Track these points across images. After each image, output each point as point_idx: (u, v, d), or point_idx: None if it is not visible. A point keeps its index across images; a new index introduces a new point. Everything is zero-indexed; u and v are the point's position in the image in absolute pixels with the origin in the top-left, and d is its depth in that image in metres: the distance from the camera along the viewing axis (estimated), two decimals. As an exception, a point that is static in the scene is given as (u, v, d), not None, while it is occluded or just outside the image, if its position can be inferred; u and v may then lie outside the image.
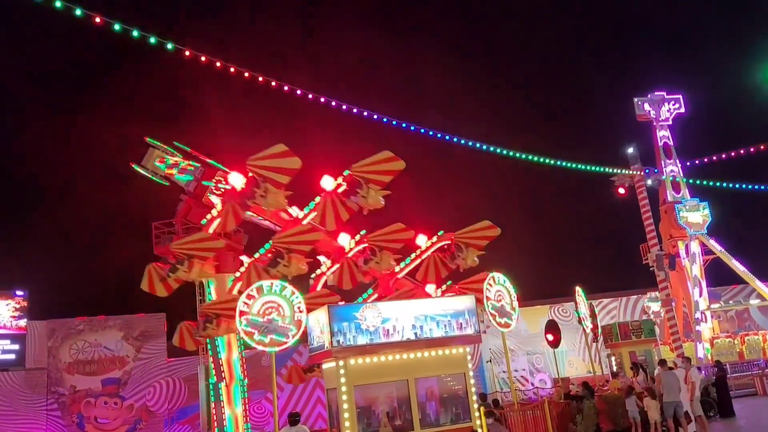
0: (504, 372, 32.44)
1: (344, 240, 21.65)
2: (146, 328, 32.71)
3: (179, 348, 31.76)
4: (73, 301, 35.57)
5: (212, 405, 20.07)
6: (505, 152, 28.05)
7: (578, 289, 25.08)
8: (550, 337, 24.75)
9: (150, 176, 20.75)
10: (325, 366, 15.90)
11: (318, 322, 15.29)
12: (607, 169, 33.59)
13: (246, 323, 14.93)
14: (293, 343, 15.53)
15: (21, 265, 35.48)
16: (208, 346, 20.37)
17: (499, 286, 18.13)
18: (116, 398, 31.31)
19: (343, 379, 14.23)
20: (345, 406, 14.15)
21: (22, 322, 31.10)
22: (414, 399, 14.61)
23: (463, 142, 26.15)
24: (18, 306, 31.15)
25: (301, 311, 15.25)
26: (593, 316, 25.98)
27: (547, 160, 30.46)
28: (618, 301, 39.44)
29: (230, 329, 18.38)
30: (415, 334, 14.88)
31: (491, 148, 27.38)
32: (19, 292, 31.34)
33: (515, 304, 18.52)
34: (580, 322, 25.35)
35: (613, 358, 27.58)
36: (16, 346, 30.78)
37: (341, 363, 14.30)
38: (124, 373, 31.89)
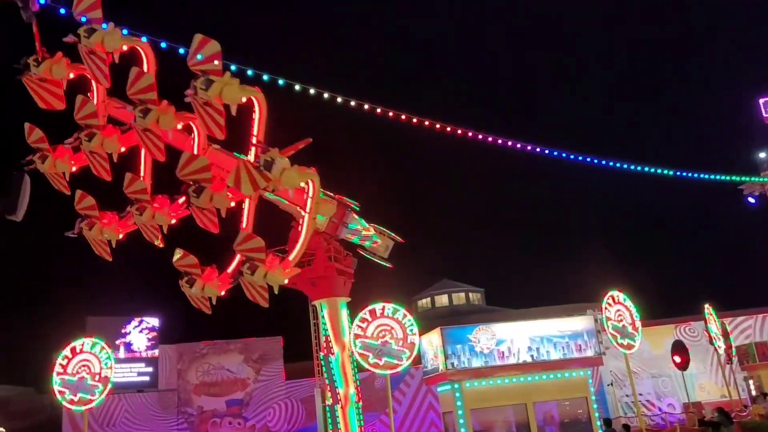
0: (627, 396, 30.87)
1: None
2: (264, 350, 33.89)
3: (296, 370, 32.88)
4: (199, 326, 37.42)
5: (329, 428, 20.38)
6: (618, 165, 26.89)
7: (708, 307, 23.51)
8: (678, 359, 23.28)
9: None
10: (439, 390, 15.81)
11: (431, 344, 15.30)
12: (734, 177, 31.37)
13: (361, 345, 15.14)
14: (406, 367, 15.60)
15: (153, 293, 37.83)
16: (323, 368, 20.77)
17: (620, 306, 17.32)
18: (239, 419, 32.55)
19: (459, 403, 14.11)
20: (462, 430, 14.02)
21: (155, 347, 33.12)
22: (533, 424, 14.25)
23: (578, 157, 25.29)
24: (151, 332, 33.26)
25: (413, 334, 15.30)
26: (726, 335, 24.24)
27: (668, 171, 28.88)
28: (753, 319, 36.47)
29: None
30: (532, 356, 14.54)
31: (603, 162, 26.36)
32: (152, 319, 33.44)
33: (638, 324, 17.63)
34: (711, 341, 23.73)
35: (751, 381, 25.55)
36: (150, 369, 32.79)
37: (457, 386, 14.20)
38: (246, 395, 33.11)
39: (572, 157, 25.09)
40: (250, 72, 17.06)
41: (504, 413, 14.23)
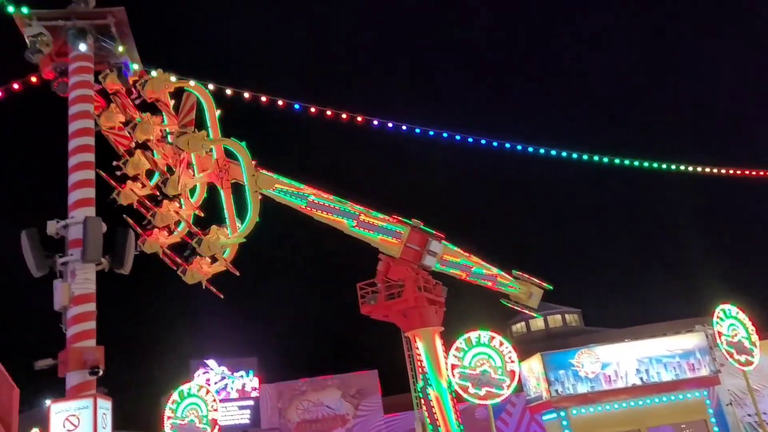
0: (749, 416, 28.84)
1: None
2: (361, 385, 33.99)
3: (394, 404, 32.73)
4: (296, 363, 38.13)
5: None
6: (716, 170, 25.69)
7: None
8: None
9: None
10: (545, 418, 15.37)
11: (532, 371, 14.94)
12: None
13: (460, 376, 14.95)
14: (510, 394, 15.26)
15: (250, 334, 38.85)
16: (422, 401, 20.61)
17: (732, 319, 16.32)
18: (343, 456, 32.68)
19: (567, 431, 13.63)
20: (574, 458, 13.55)
21: (255, 387, 33.91)
22: (649, 450, 13.56)
23: (662, 167, 24.39)
24: (250, 373, 34.13)
25: (512, 361, 14.99)
26: None
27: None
28: None
29: None
30: (641, 378, 13.91)
31: (689, 168, 25.26)
32: (250, 359, 34.35)
33: (755, 337, 16.54)
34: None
35: None
36: (251, 409, 33.55)
37: (563, 414, 13.76)
38: (347, 431, 33.20)
39: (663, 166, 24.34)
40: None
41: (616, 439, 13.64)
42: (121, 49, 14.62)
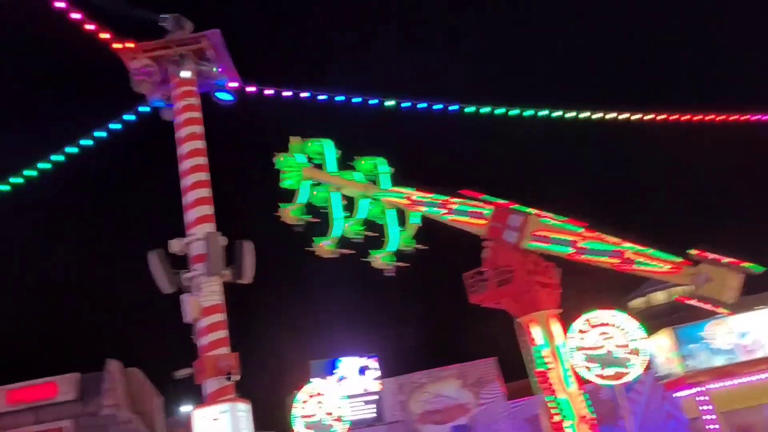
0: None
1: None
2: (480, 374, 33.83)
3: (516, 389, 32.39)
4: (413, 357, 38.50)
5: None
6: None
7: None
8: None
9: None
10: (679, 395, 14.73)
11: (661, 347, 14.34)
12: None
13: (584, 357, 14.61)
14: (638, 376, 14.73)
15: (368, 333, 39.63)
16: (544, 385, 20.26)
17: None
18: (468, 444, 32.70)
19: (706, 407, 13.01)
20: (715, 436, 12.91)
21: (377, 382, 34.56)
22: (799, 422, 12.70)
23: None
24: (371, 368, 34.83)
25: (637, 338, 14.47)
26: None
27: None
28: None
29: None
30: (783, 346, 13.03)
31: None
32: (371, 357, 35.07)
33: None
34: None
35: None
36: (375, 406, 34.23)
37: (700, 389, 13.12)
38: (470, 419, 33.18)
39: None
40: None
41: (762, 413, 12.82)
42: (217, 70, 15.35)
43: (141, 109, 15.92)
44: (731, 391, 13.07)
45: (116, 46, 14.76)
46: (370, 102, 18.92)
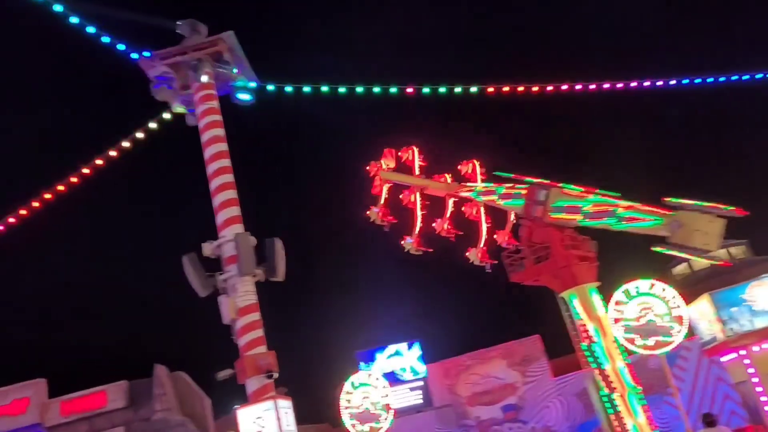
0: None
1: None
2: (526, 352, 33.73)
3: (563, 365, 32.20)
4: (457, 340, 38.49)
5: (611, 417, 19.57)
6: None
7: None
8: None
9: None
10: (724, 359, 14.46)
11: (702, 314, 14.12)
12: None
13: (624, 330, 14.44)
14: (681, 340, 14.50)
15: (410, 320, 39.76)
16: (590, 359, 20.10)
17: None
18: (519, 423, 32.66)
19: (751, 370, 12.77)
20: (764, 398, 12.64)
21: (423, 367, 34.70)
22: None
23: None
24: (416, 354, 35.01)
25: (678, 306, 14.24)
26: None
27: None
28: None
29: None
30: (829, 302, 12.70)
31: None
32: (414, 344, 35.23)
33: None
34: None
35: None
36: (421, 392, 34.40)
37: (744, 353, 12.89)
38: (519, 399, 33.14)
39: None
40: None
41: (811, 372, 12.57)
42: (235, 71, 15.50)
43: (164, 116, 16.20)
44: (776, 352, 12.77)
45: (134, 56, 15.01)
46: (391, 90, 18.90)
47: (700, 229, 14.39)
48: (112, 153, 16.24)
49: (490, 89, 19.59)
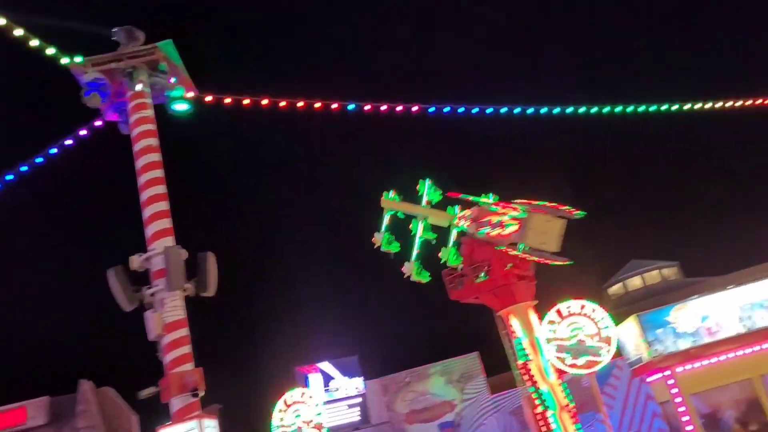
0: None
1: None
2: (464, 369, 33.96)
3: (500, 383, 32.51)
4: (396, 356, 38.49)
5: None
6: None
7: None
8: None
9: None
10: (650, 379, 14.84)
11: (630, 334, 14.45)
12: None
13: (556, 348, 14.67)
14: (606, 365, 14.82)
15: (349, 335, 39.53)
16: (525, 377, 20.33)
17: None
18: (456, 440, 32.78)
19: (674, 390, 13.13)
20: (685, 418, 13.00)
21: (361, 384, 34.45)
22: (766, 399, 12.84)
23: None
24: (353, 371, 34.75)
25: (607, 326, 14.56)
26: None
27: None
28: None
29: None
30: (745, 326, 13.21)
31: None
32: (351, 357, 34.98)
33: None
34: None
35: None
36: (359, 409, 34.15)
37: (668, 373, 13.25)
38: (456, 416, 33.30)
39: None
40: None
41: (729, 392, 13.01)
42: (172, 80, 15.14)
43: (96, 124, 15.66)
44: (697, 373, 13.20)
45: (64, 61, 14.48)
46: (333, 107, 18.73)
47: (535, 228, 15.57)
48: (39, 160, 15.59)
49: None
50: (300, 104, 17.95)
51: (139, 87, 14.59)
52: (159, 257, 12.96)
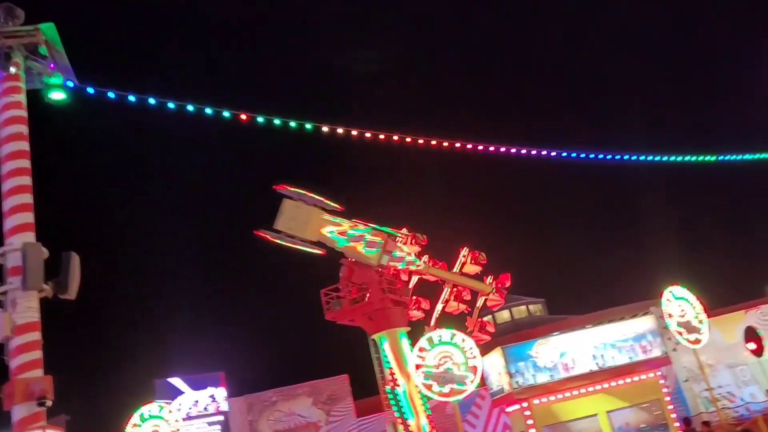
0: (706, 390, 29.52)
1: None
2: (332, 390, 33.71)
3: (366, 407, 32.63)
4: (264, 374, 37.73)
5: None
6: (667, 158, 26.31)
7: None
8: (752, 346, 22.33)
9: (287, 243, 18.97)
10: (509, 410, 15.49)
11: (494, 365, 15.04)
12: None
13: (424, 375, 14.96)
14: (473, 389, 15.31)
15: (215, 348, 38.38)
16: (392, 401, 20.59)
17: (680, 300, 16.65)
18: (315, 461, 32.40)
19: (530, 421, 13.77)
20: (537, 449, 13.67)
21: (224, 401, 33.39)
22: (609, 433, 13.79)
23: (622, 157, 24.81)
24: (218, 387, 33.62)
25: (474, 357, 15.06)
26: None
27: (710, 157, 28.18)
28: (826, 294, 34.53)
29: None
30: (597, 364, 14.15)
31: (657, 158, 25.83)
32: (217, 373, 33.83)
33: (702, 316, 16.90)
34: (784, 323, 22.76)
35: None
36: (220, 427, 33.05)
37: (525, 405, 13.89)
38: (320, 438, 32.95)
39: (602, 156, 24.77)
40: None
41: (578, 426, 13.83)
42: (52, 66, 14.23)
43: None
44: (552, 405, 13.94)
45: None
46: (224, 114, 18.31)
47: (285, 213, 17.03)
48: None
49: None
50: (189, 107, 17.49)
51: (13, 70, 13.60)
52: (16, 253, 12.03)
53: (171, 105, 17.40)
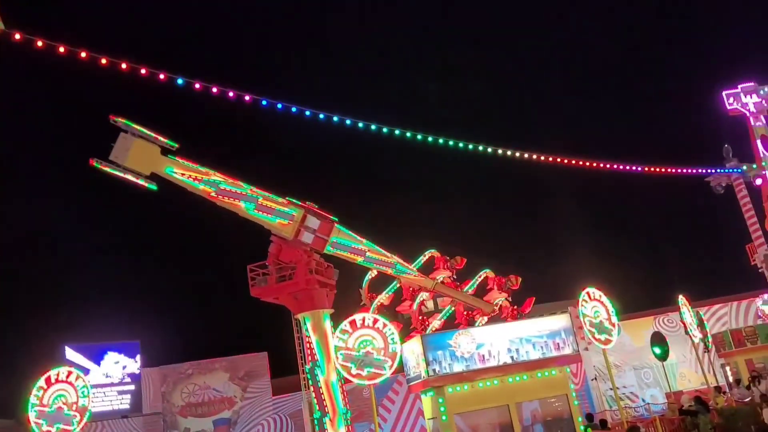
0: (611, 390, 31.12)
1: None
2: (250, 367, 33.64)
3: (283, 385, 32.68)
4: (183, 346, 37.12)
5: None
6: (587, 163, 27.29)
7: (682, 297, 23.94)
8: (657, 350, 23.66)
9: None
10: (423, 396, 15.90)
11: (413, 352, 15.39)
12: (710, 171, 32.28)
13: (343, 356, 15.16)
14: (387, 377, 15.63)
15: (132, 317, 37.46)
16: (310, 381, 20.73)
17: (596, 302, 17.53)
18: (228, 438, 32.32)
19: (442, 408, 14.20)
20: (447, 434, 14.14)
21: (137, 371, 32.78)
22: (516, 424, 14.41)
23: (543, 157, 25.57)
24: (132, 356, 32.97)
25: (395, 343, 15.35)
26: (701, 324, 24.65)
27: (637, 168, 29.49)
28: (728, 307, 36.90)
29: None
30: (512, 357, 14.73)
31: (572, 161, 26.72)
32: (132, 342, 33.16)
33: (614, 319, 17.84)
34: (686, 331, 24.16)
35: (728, 368, 25.96)
36: (130, 396, 32.46)
37: (439, 392, 14.31)
38: (234, 413, 32.85)
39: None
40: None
41: (488, 415, 14.42)
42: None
43: None
44: (465, 394, 14.44)
45: None
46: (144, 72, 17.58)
47: (120, 145, 17.12)
48: None
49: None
50: (123, 66, 16.82)
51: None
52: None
53: (103, 60, 16.67)
